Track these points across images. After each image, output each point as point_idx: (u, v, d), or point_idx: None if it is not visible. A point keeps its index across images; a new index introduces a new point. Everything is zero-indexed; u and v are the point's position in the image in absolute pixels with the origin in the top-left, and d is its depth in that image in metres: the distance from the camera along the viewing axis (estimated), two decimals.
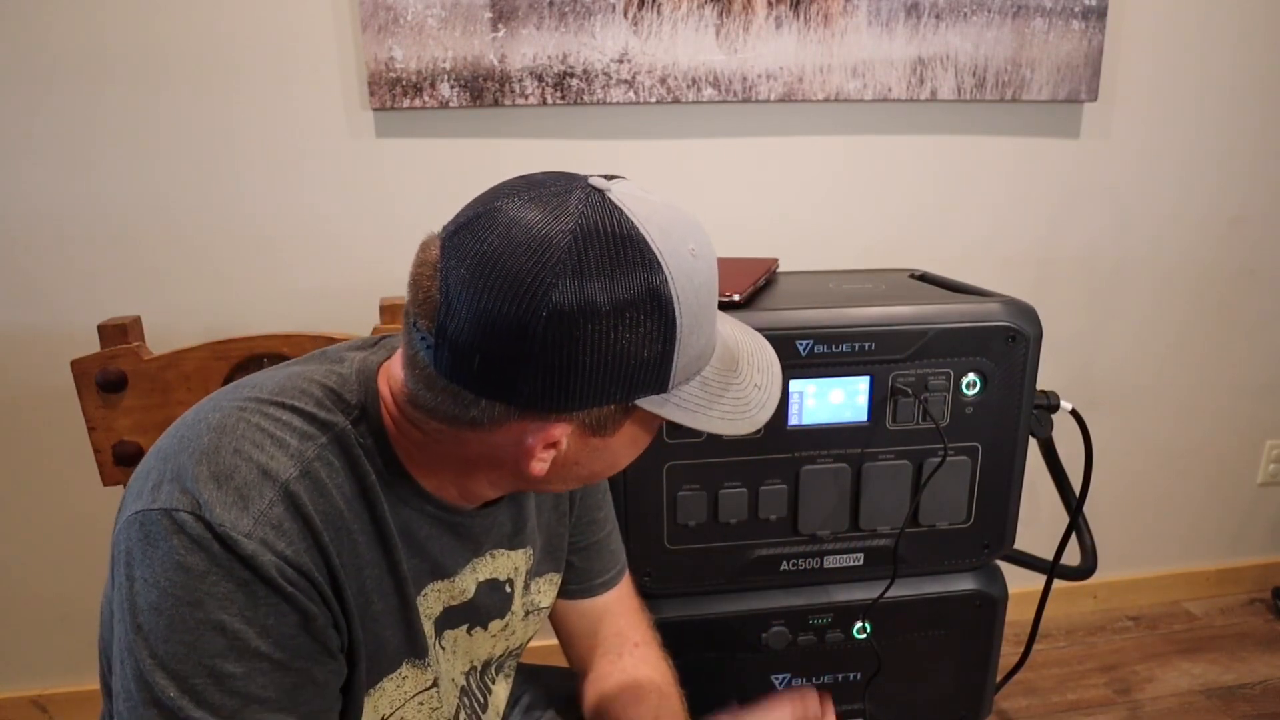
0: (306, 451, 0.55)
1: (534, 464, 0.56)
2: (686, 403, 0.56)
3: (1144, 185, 1.57)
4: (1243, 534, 1.86)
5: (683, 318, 0.52)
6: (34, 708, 1.51)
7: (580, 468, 0.59)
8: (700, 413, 0.56)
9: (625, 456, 0.61)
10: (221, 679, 0.50)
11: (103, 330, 0.94)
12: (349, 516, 0.57)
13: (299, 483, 0.53)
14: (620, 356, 0.51)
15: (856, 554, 1.05)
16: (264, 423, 0.55)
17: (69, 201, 1.28)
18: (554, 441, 0.55)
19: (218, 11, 1.24)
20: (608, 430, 0.56)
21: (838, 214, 1.49)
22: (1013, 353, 0.98)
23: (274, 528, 0.52)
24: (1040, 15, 1.41)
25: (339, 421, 0.57)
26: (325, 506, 0.55)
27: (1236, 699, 1.55)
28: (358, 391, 0.59)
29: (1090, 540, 1.16)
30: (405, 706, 0.64)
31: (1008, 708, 1.53)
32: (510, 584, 0.72)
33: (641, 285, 0.50)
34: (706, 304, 0.55)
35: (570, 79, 1.32)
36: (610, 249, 0.50)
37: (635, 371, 0.52)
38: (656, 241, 0.51)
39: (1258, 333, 1.71)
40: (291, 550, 0.52)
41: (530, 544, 0.73)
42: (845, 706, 1.11)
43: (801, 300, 1.01)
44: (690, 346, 0.54)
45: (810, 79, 1.38)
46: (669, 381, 0.54)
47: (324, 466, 0.55)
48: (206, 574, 0.50)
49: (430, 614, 0.65)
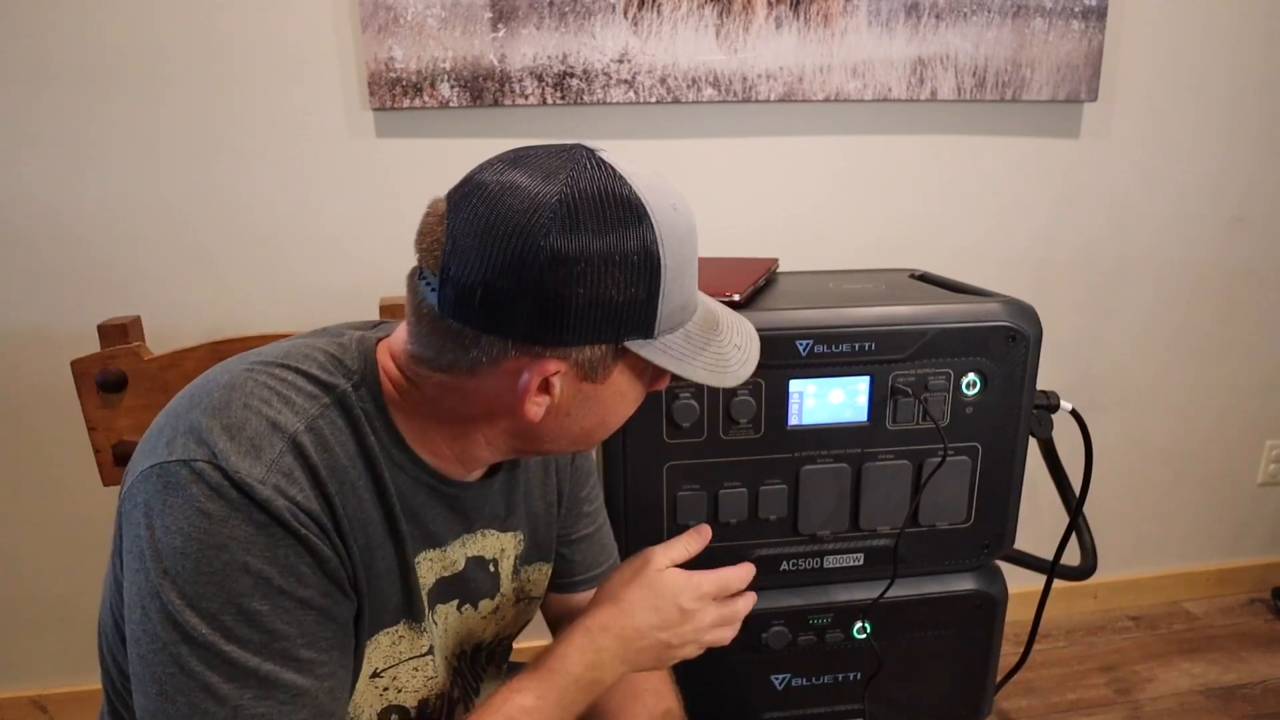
0: (311, 409, 0.58)
1: (529, 406, 0.58)
2: (671, 349, 0.60)
3: (1144, 185, 1.57)
4: (1243, 534, 1.86)
5: (667, 265, 0.57)
6: (34, 708, 1.51)
7: (573, 420, 0.62)
8: (685, 361, 0.60)
9: (615, 411, 0.64)
10: (249, 616, 0.53)
11: (103, 330, 0.94)
12: (353, 473, 0.59)
13: (305, 435, 0.56)
14: (610, 295, 0.55)
15: (856, 554, 1.05)
16: (271, 382, 0.58)
17: (69, 201, 1.28)
18: (548, 379, 0.57)
19: (218, 11, 1.24)
20: (598, 375, 0.59)
21: (838, 214, 1.49)
22: (1013, 353, 0.98)
23: (285, 475, 0.54)
24: (1040, 15, 1.41)
25: (340, 384, 0.60)
26: (330, 460, 0.57)
27: (1236, 699, 1.55)
28: (358, 359, 0.62)
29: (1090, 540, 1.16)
30: (400, 667, 0.65)
31: (1008, 708, 1.53)
32: (495, 564, 0.73)
33: (633, 235, 0.55)
34: (688, 257, 0.60)
35: (570, 79, 1.32)
36: (603, 198, 0.55)
37: (623, 312, 0.56)
38: (644, 194, 0.56)
39: (1258, 333, 1.71)
40: (302, 496, 0.55)
41: (521, 529, 0.75)
42: (845, 706, 1.11)
43: (801, 300, 1.01)
44: (674, 295, 0.58)
45: (810, 79, 1.38)
46: (654, 326, 0.58)
47: (328, 424, 0.58)
48: (228, 519, 0.52)
49: (424, 582, 0.67)
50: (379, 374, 0.62)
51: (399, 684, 0.65)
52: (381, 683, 0.64)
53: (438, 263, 0.56)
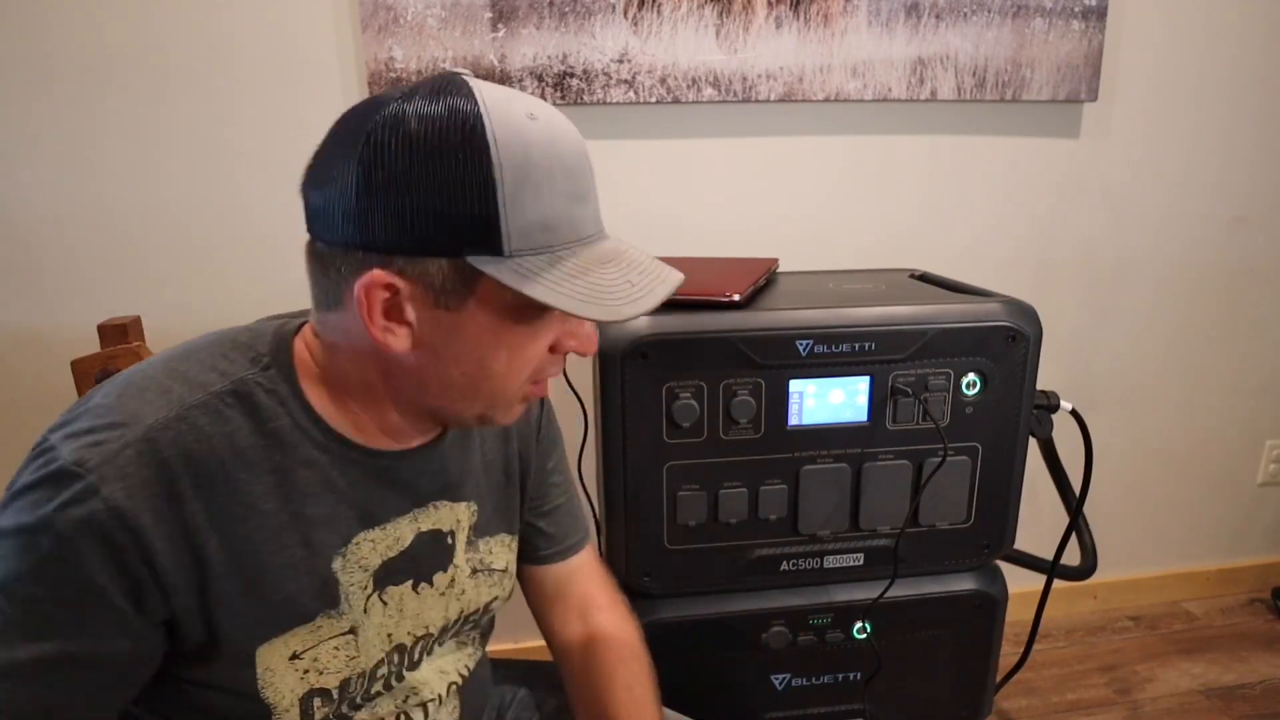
0: (189, 398, 0.56)
1: (380, 332, 0.55)
2: (527, 271, 0.54)
3: (1144, 185, 1.57)
4: (1243, 534, 1.86)
5: (503, 164, 0.52)
6: None
7: (445, 361, 0.58)
8: (542, 283, 0.54)
9: (491, 352, 0.58)
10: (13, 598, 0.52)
11: (103, 330, 0.94)
12: (235, 466, 0.57)
13: (165, 428, 0.55)
14: (434, 191, 0.52)
15: (856, 554, 1.05)
16: (153, 372, 0.57)
17: (69, 202, 1.28)
18: (390, 297, 0.54)
19: (218, 11, 1.24)
20: (452, 300, 0.55)
21: (838, 214, 1.49)
22: (1013, 353, 0.98)
23: (116, 469, 0.53)
24: (1040, 15, 1.41)
25: (240, 371, 0.59)
26: (199, 452, 0.55)
27: (1236, 699, 1.55)
28: (269, 343, 0.61)
29: (1090, 540, 1.16)
30: (319, 647, 0.62)
31: (1008, 708, 1.53)
32: (452, 536, 0.71)
33: (455, 119, 0.53)
34: (546, 169, 0.54)
35: (570, 79, 1.32)
36: (434, 96, 0.54)
37: (458, 220, 0.52)
38: (482, 90, 0.54)
39: (1258, 333, 1.71)
40: (124, 494, 0.52)
41: (475, 499, 0.73)
42: (845, 706, 1.11)
43: (801, 300, 1.01)
44: (525, 207, 0.53)
45: (810, 79, 1.38)
46: (503, 242, 0.53)
47: (207, 414, 0.56)
48: (20, 492, 0.53)
49: (366, 565, 0.64)
50: (292, 356, 0.61)
51: (320, 665, 0.63)
52: (301, 664, 0.62)
53: (304, 186, 0.58)
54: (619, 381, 0.94)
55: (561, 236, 0.56)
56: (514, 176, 0.53)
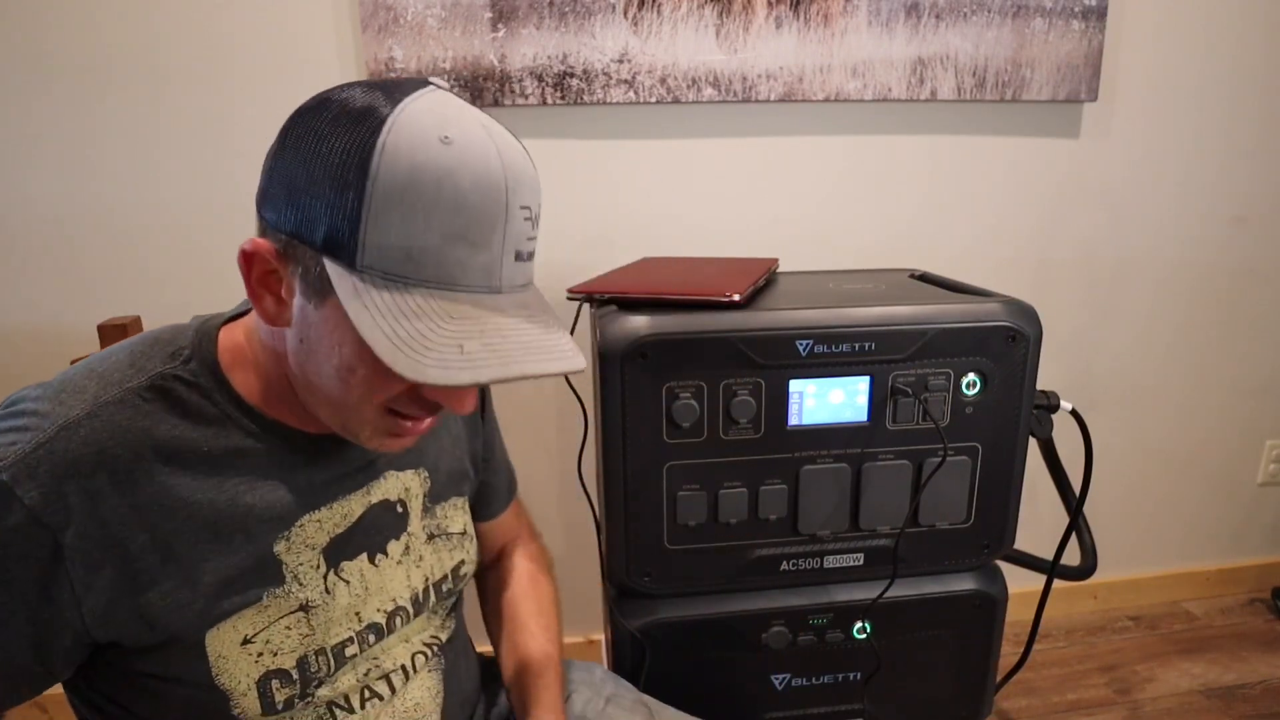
0: (104, 395, 0.56)
1: (256, 297, 0.56)
2: (364, 290, 0.51)
3: (1144, 185, 1.58)
4: (1243, 534, 1.86)
5: (379, 177, 0.50)
6: (34, 708, 1.51)
7: (312, 351, 0.56)
8: (367, 307, 0.51)
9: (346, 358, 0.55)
10: None
11: (103, 330, 0.94)
12: (157, 460, 0.56)
13: (78, 426, 0.54)
14: (311, 183, 0.52)
15: (856, 554, 1.05)
16: (73, 374, 0.57)
17: (69, 202, 1.28)
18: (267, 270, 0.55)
19: (218, 11, 1.24)
20: (315, 295, 0.53)
21: (837, 214, 1.49)
22: (1013, 353, 0.98)
23: (28, 468, 0.53)
24: (1040, 15, 1.41)
25: (157, 366, 0.59)
26: (114, 448, 0.55)
27: (1236, 699, 1.55)
28: (191, 339, 0.61)
29: (1090, 540, 1.16)
30: (270, 629, 0.62)
31: (1008, 708, 1.53)
32: (403, 504, 0.71)
33: (369, 106, 0.52)
34: (430, 200, 0.50)
35: (570, 79, 1.32)
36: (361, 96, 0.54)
37: (324, 211, 0.51)
38: (422, 98, 0.53)
39: (1258, 333, 1.71)
40: (39, 494, 0.53)
41: (424, 465, 0.74)
42: (845, 706, 1.11)
43: (801, 300, 1.01)
44: (386, 228, 0.50)
45: (810, 79, 1.38)
46: (356, 254, 0.51)
47: (123, 409, 0.56)
48: None
49: (313, 544, 0.64)
50: (216, 347, 0.61)
51: (273, 646, 0.62)
52: (254, 648, 0.61)
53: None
54: (619, 381, 0.94)
55: (424, 274, 0.52)
56: (385, 192, 0.50)
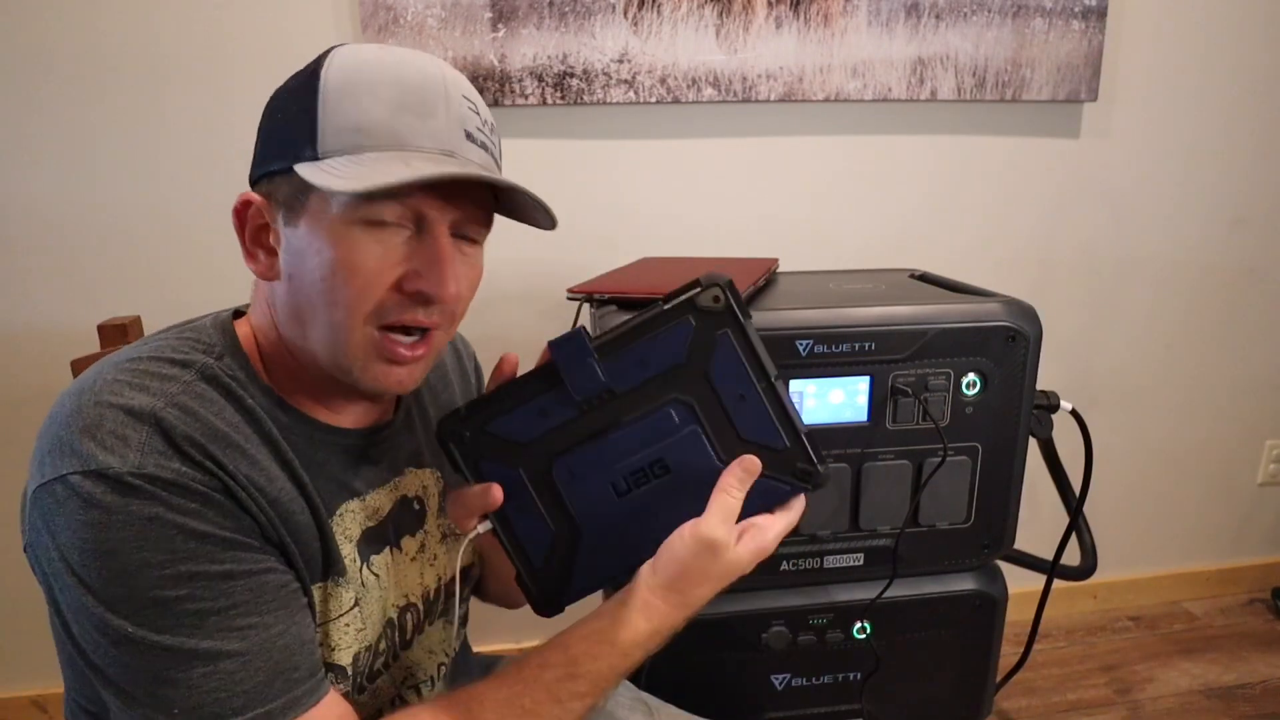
0: (169, 389, 0.56)
1: (250, 258, 0.61)
2: (327, 167, 0.55)
3: (1144, 185, 1.57)
4: (1243, 534, 1.86)
5: (329, 77, 0.57)
6: (34, 708, 1.51)
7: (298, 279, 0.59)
8: (332, 174, 0.55)
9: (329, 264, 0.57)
10: (168, 605, 0.53)
11: (103, 330, 0.94)
12: (237, 437, 0.57)
13: (169, 411, 0.55)
14: (279, 116, 0.59)
15: (856, 554, 1.05)
16: (120, 375, 0.56)
17: (69, 202, 1.28)
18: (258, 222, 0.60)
19: (218, 11, 1.24)
20: (293, 214, 0.58)
21: (837, 214, 1.49)
22: (1013, 353, 0.98)
23: (159, 453, 0.53)
24: (1040, 15, 1.41)
25: (200, 359, 0.59)
26: (204, 429, 0.55)
27: (1236, 699, 1.55)
28: (215, 334, 0.62)
29: (1090, 540, 1.16)
30: (330, 625, 0.63)
31: (1008, 708, 1.53)
32: (420, 501, 0.73)
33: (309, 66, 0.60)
34: (374, 79, 0.57)
35: (570, 79, 1.32)
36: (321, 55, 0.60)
37: (287, 130, 0.58)
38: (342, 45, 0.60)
39: (1258, 333, 1.71)
40: (186, 465, 0.54)
41: (439, 466, 0.76)
42: (845, 706, 1.11)
43: (801, 300, 1.00)
44: (340, 113, 0.56)
45: (810, 79, 1.38)
46: (317, 145, 0.56)
47: (193, 398, 0.57)
48: (110, 522, 0.52)
49: (349, 535, 0.65)
50: (239, 343, 0.62)
51: (331, 641, 0.64)
52: (318, 636, 0.63)
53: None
54: None
55: (376, 140, 0.56)
56: (337, 85, 0.56)
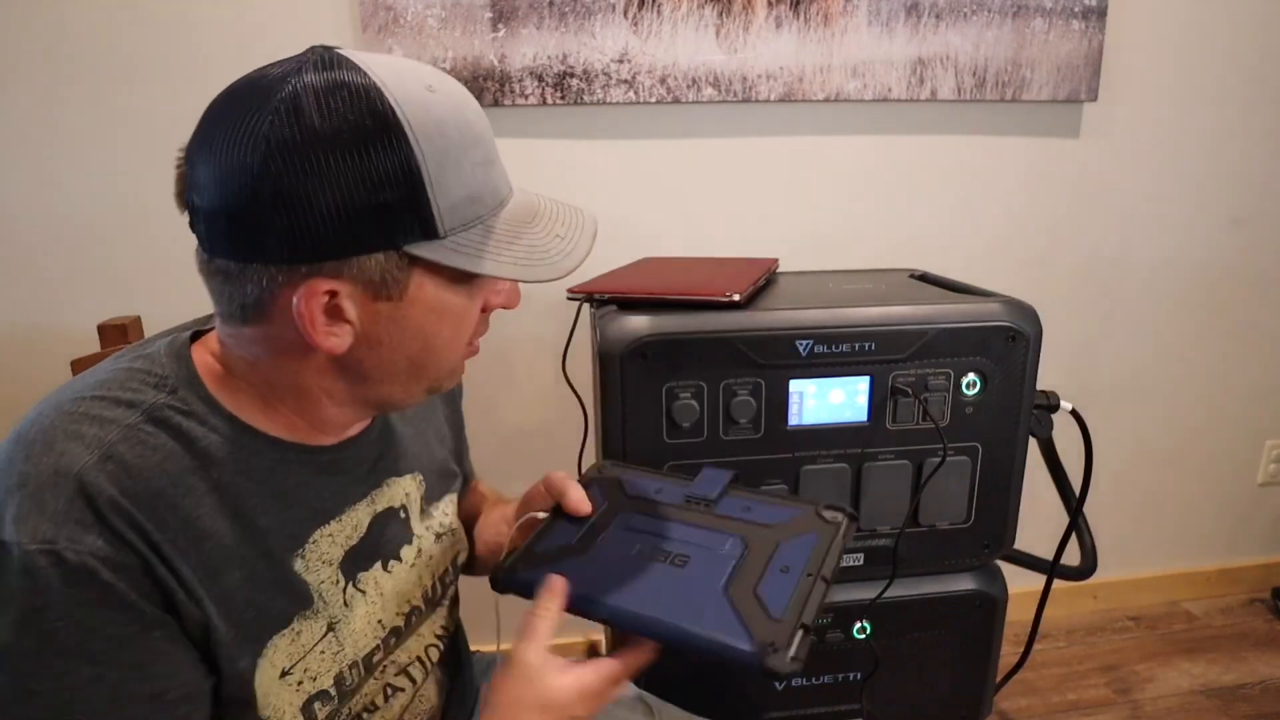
0: (107, 435, 0.52)
1: (323, 338, 0.54)
2: (466, 248, 0.55)
3: (1144, 185, 1.57)
4: (1243, 534, 1.86)
5: (422, 148, 0.52)
6: None
7: (390, 349, 0.57)
8: (487, 258, 0.55)
9: (438, 331, 0.58)
10: (32, 694, 0.49)
11: (103, 330, 0.94)
12: (176, 492, 0.54)
13: (97, 472, 0.51)
14: (358, 187, 0.50)
15: (856, 554, 1.05)
16: (58, 421, 0.53)
17: (69, 201, 1.28)
18: (330, 300, 0.53)
19: (217, 11, 1.24)
20: (393, 291, 0.54)
21: (837, 214, 1.49)
22: (1013, 353, 0.98)
23: (78, 523, 0.49)
24: (1040, 15, 1.41)
25: (148, 398, 0.55)
26: (137, 489, 0.52)
27: (1236, 699, 1.55)
28: (169, 363, 0.58)
29: (1090, 540, 1.16)
30: (307, 658, 0.61)
31: (1008, 708, 1.53)
32: (404, 510, 0.72)
33: (361, 107, 0.50)
34: (460, 142, 0.54)
35: (570, 79, 1.32)
36: (326, 81, 0.51)
37: (386, 211, 0.51)
38: (378, 72, 0.52)
39: (1258, 332, 1.71)
40: (104, 537, 0.50)
41: (419, 469, 0.74)
42: (845, 706, 1.11)
43: (801, 300, 1.01)
44: (450, 185, 0.53)
45: (810, 79, 1.38)
46: (436, 223, 0.53)
47: (132, 447, 0.53)
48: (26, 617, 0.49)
49: (328, 559, 0.63)
50: (195, 369, 0.58)
51: (311, 673, 0.61)
52: (294, 678, 0.60)
53: (185, 201, 0.54)
54: (619, 381, 0.94)
55: (486, 205, 0.57)
56: (435, 158, 0.53)
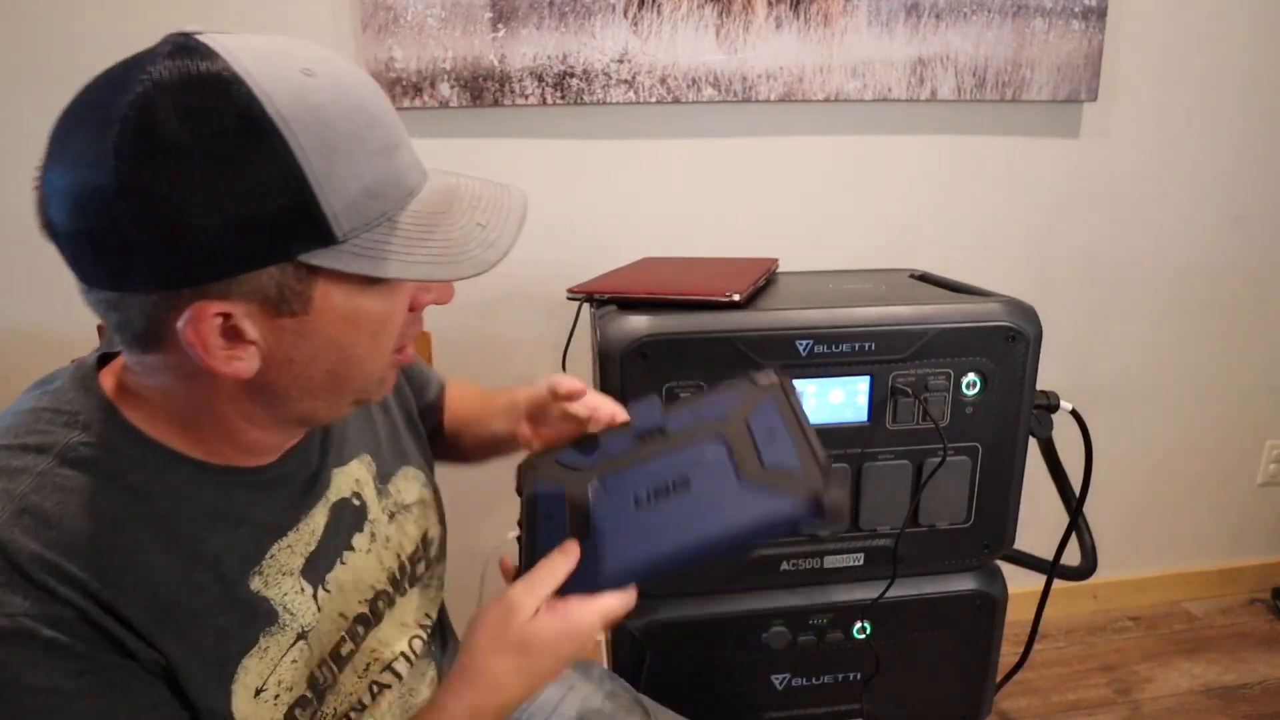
0: (18, 488, 0.48)
1: (224, 362, 0.48)
2: (370, 250, 0.49)
3: (1144, 185, 1.57)
4: (1243, 534, 1.86)
5: (301, 143, 0.45)
6: None
7: (303, 365, 0.52)
8: (393, 259, 0.49)
9: (352, 339, 0.52)
10: None
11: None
12: (111, 532, 0.50)
13: (12, 528, 0.47)
14: (231, 198, 0.44)
15: (856, 554, 1.05)
16: None
17: None
18: (225, 322, 0.47)
19: (218, 11, 1.24)
20: (295, 305, 0.49)
21: (838, 214, 1.49)
22: (1013, 353, 0.98)
23: (4, 587, 0.46)
24: (1040, 15, 1.41)
25: (59, 439, 0.51)
26: (61, 539, 0.48)
27: (1236, 699, 1.55)
28: (76, 398, 0.53)
29: (1090, 540, 1.16)
30: (278, 670, 0.58)
31: (1008, 708, 1.53)
32: (358, 496, 0.68)
33: (223, 103, 0.44)
34: (349, 131, 0.48)
35: (570, 79, 1.32)
36: (180, 77, 0.45)
37: (271, 218, 0.45)
38: (242, 60, 0.46)
39: (1258, 332, 1.71)
40: (32, 596, 0.46)
41: (365, 450, 0.70)
42: (845, 706, 1.11)
43: (801, 300, 1.01)
44: (342, 182, 0.47)
45: (810, 79, 1.38)
46: (331, 227, 0.47)
47: (48, 495, 0.49)
48: None
49: (288, 570, 0.60)
50: (108, 399, 0.53)
51: (285, 683, 0.59)
52: (268, 694, 0.57)
53: (47, 226, 0.48)
54: (619, 381, 0.94)
55: (391, 199, 0.50)
56: (319, 153, 0.46)
